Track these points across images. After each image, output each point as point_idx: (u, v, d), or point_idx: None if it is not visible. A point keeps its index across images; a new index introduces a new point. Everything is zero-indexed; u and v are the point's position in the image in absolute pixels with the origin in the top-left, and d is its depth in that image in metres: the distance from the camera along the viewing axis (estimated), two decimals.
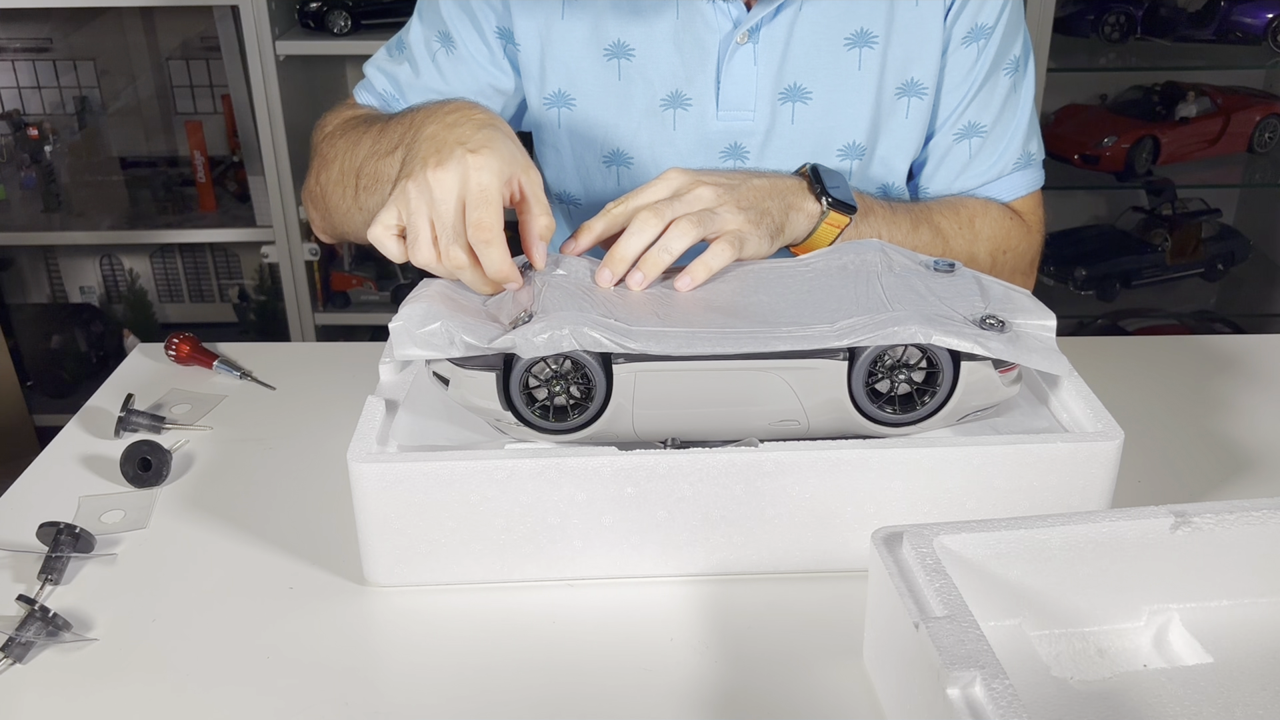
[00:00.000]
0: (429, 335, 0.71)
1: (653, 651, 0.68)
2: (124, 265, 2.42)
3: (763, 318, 0.73)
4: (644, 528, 0.71)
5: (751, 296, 0.77)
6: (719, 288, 0.79)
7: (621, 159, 0.98)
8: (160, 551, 0.78)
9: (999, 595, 0.64)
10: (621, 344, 0.69)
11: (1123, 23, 2.07)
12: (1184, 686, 0.62)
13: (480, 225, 0.73)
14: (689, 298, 0.77)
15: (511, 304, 0.75)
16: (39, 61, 2.26)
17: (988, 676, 0.51)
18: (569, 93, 0.97)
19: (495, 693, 0.65)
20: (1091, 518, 0.63)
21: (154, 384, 1.00)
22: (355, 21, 1.95)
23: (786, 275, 0.80)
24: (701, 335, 0.70)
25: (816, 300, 0.76)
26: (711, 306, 0.76)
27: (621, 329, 0.70)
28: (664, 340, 0.70)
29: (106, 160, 2.30)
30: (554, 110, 0.98)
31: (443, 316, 0.72)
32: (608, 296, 0.76)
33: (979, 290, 0.77)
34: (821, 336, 0.71)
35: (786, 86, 0.94)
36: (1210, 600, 0.67)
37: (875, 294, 0.76)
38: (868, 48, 0.93)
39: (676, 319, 0.73)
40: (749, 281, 0.80)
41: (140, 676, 0.66)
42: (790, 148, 0.96)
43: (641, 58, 0.94)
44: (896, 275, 0.79)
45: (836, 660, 0.67)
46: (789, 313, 0.74)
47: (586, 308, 0.72)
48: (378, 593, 0.73)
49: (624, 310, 0.74)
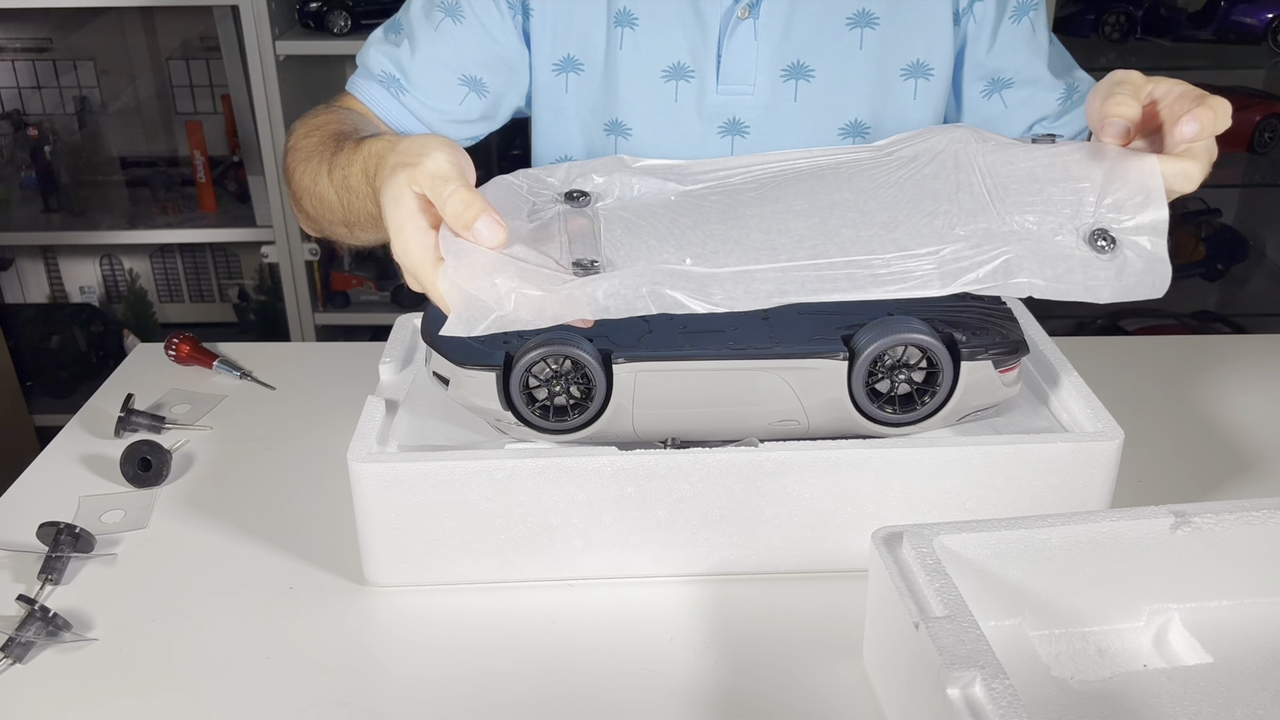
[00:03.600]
0: (487, 289, 0.60)
1: (653, 651, 0.68)
2: (124, 265, 2.42)
3: (854, 235, 0.64)
4: (644, 528, 0.71)
5: (835, 194, 0.67)
6: (795, 185, 0.69)
7: (620, 129, 0.98)
8: (160, 551, 0.78)
9: (999, 595, 0.64)
10: (705, 299, 0.61)
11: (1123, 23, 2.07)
12: (1184, 686, 0.62)
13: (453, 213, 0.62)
14: (766, 209, 0.67)
15: (562, 234, 0.67)
16: (39, 61, 2.26)
17: (988, 676, 0.51)
18: (578, 58, 0.97)
19: (495, 693, 0.65)
20: (1091, 518, 0.63)
21: (154, 384, 1.00)
22: (355, 21, 1.95)
23: (869, 168, 0.70)
24: (794, 275, 0.61)
25: (910, 200, 0.66)
26: (793, 212, 0.66)
27: (702, 277, 0.62)
28: (752, 286, 0.61)
29: (106, 160, 2.30)
30: (562, 76, 0.98)
31: (498, 266, 0.61)
32: (673, 217, 0.68)
33: (1085, 174, 0.65)
34: (925, 280, 0.61)
35: (789, 64, 0.95)
36: (1210, 600, 0.67)
37: (975, 193, 0.66)
38: (869, 28, 0.94)
39: (758, 244, 0.64)
40: (828, 180, 0.69)
41: (140, 677, 0.66)
42: (792, 125, 0.97)
43: (645, 27, 0.95)
44: (996, 158, 0.68)
45: (836, 660, 0.66)
46: (881, 223, 0.64)
47: (653, 245, 0.65)
48: (378, 593, 0.73)
49: (697, 238, 0.65)
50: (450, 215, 0.61)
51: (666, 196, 0.71)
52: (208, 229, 2.14)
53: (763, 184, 0.70)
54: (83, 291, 2.43)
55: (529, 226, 0.68)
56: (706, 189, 0.71)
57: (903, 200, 0.66)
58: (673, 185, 0.72)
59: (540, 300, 0.60)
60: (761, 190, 0.69)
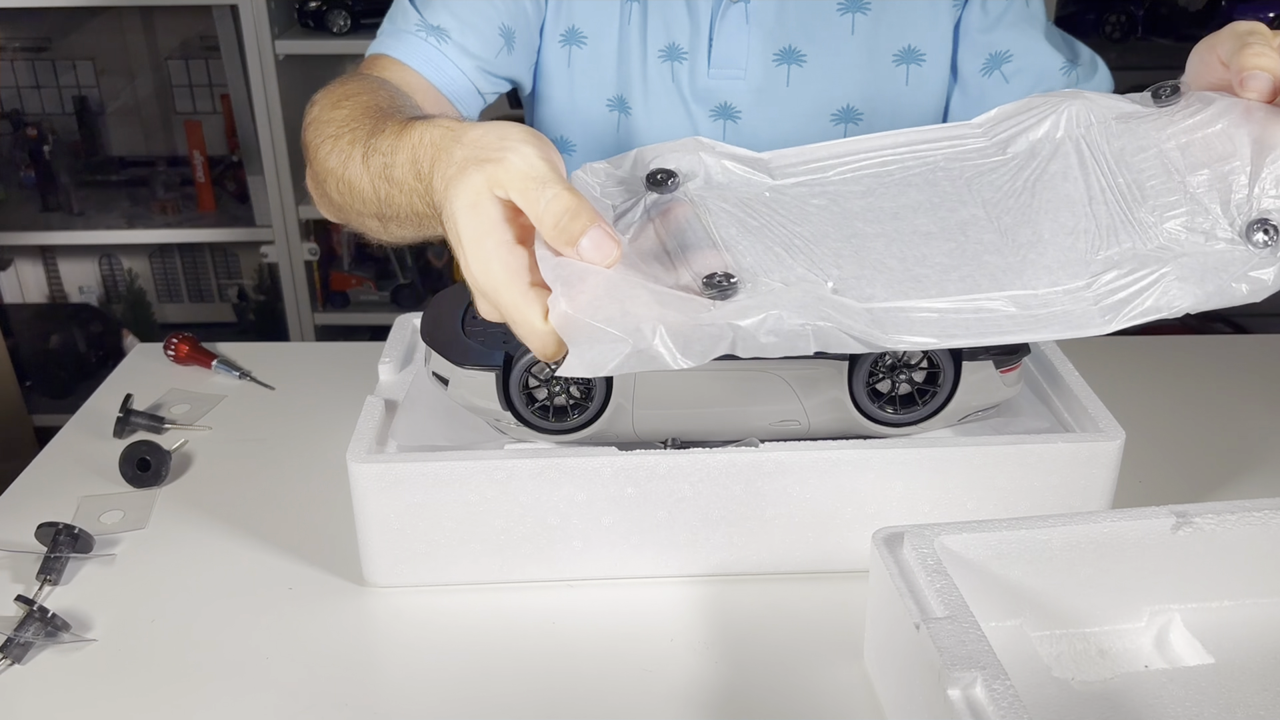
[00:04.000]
0: (617, 319, 0.49)
1: (653, 652, 0.67)
2: (123, 265, 2.42)
3: (1000, 262, 0.57)
4: (644, 528, 0.71)
5: (962, 210, 0.59)
6: (909, 194, 0.61)
7: (622, 105, 0.98)
8: (159, 552, 0.77)
9: (1000, 596, 0.64)
10: (870, 339, 0.53)
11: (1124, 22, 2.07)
12: (1185, 687, 0.62)
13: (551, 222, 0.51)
14: (888, 227, 0.59)
15: (664, 232, 0.57)
16: (38, 61, 2.26)
17: (989, 677, 0.51)
18: (582, 30, 0.96)
19: (495, 693, 0.65)
20: (1093, 518, 0.63)
21: (153, 384, 0.99)
22: (355, 20, 1.95)
23: (987, 169, 0.61)
24: (953, 317, 0.55)
25: (1045, 212, 0.58)
26: (923, 235, 0.58)
27: (860, 311, 0.53)
28: (914, 327, 0.54)
29: (105, 160, 2.30)
30: (566, 48, 0.97)
31: (623, 290, 0.51)
32: (784, 224, 0.58)
33: (1229, 149, 0.57)
34: (1085, 319, 0.55)
35: (782, 48, 0.95)
36: (1212, 601, 0.66)
37: (1111, 201, 0.58)
38: (860, 13, 0.94)
39: (898, 274, 0.56)
40: (946, 188, 0.61)
41: (139, 677, 0.66)
42: (784, 109, 0.96)
43: (649, 5, 0.95)
44: (1123, 144, 0.60)
45: (837, 661, 0.66)
46: (1024, 243, 0.57)
47: (782, 255, 0.56)
48: (377, 593, 0.73)
49: (826, 255, 0.56)
50: (549, 227, 0.50)
51: (759, 190, 0.61)
52: (207, 229, 2.14)
53: (869, 188, 0.61)
54: (82, 291, 2.43)
55: (623, 239, 0.57)
56: (803, 187, 0.61)
57: (1037, 212, 0.58)
58: (761, 178, 0.62)
59: (687, 333, 0.49)
60: (871, 198, 0.60)
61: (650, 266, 0.54)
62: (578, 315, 0.49)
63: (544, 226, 0.50)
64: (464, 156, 0.53)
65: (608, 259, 0.50)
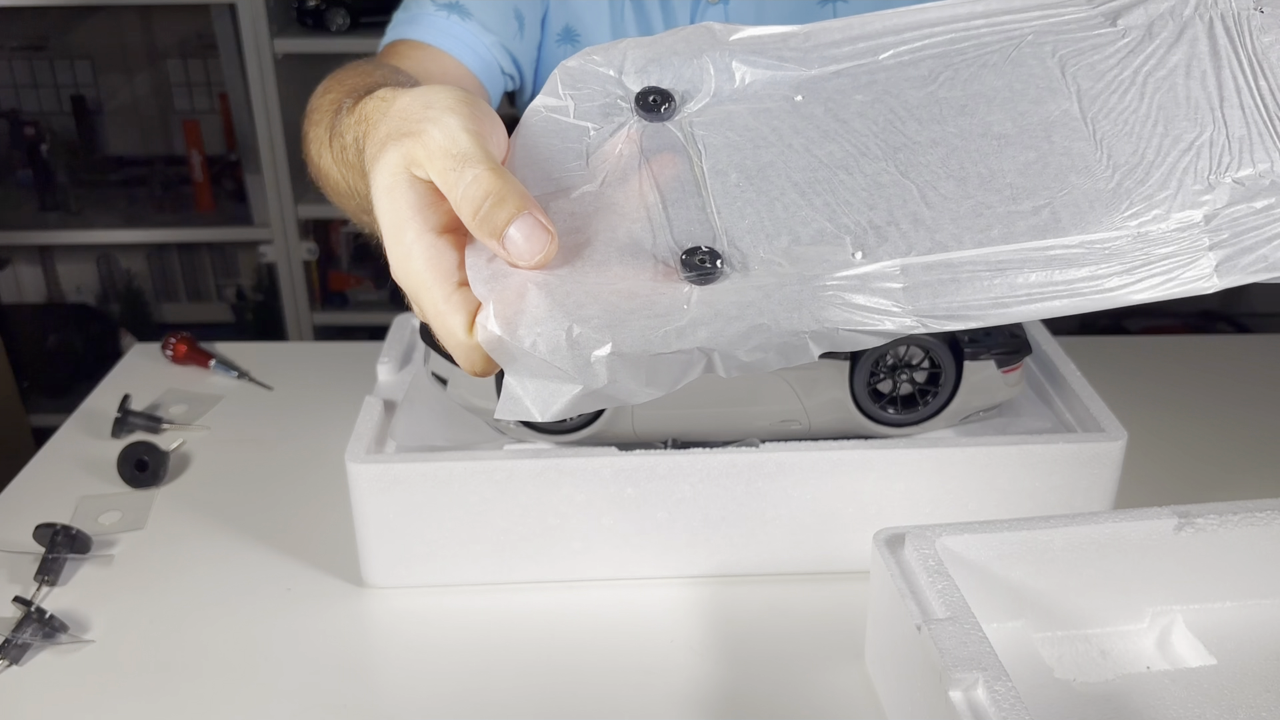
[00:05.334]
0: (556, 345, 0.38)
1: (653, 653, 0.67)
2: (121, 265, 2.42)
3: (1090, 187, 0.43)
4: (644, 529, 0.71)
5: (1050, 104, 0.46)
6: (984, 79, 0.46)
7: None
8: (157, 553, 0.77)
9: (1002, 597, 0.64)
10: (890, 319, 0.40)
11: None
12: (1187, 688, 0.61)
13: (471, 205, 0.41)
14: (950, 128, 0.45)
15: (648, 179, 0.44)
16: (35, 60, 2.26)
17: (990, 679, 0.51)
18: (576, 29, 0.95)
19: (494, 694, 0.64)
20: (1095, 519, 0.63)
21: (151, 384, 0.99)
22: (354, 19, 1.94)
23: (1088, 49, 0.47)
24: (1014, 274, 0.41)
25: (1161, 120, 0.45)
26: (997, 139, 0.45)
27: (879, 282, 0.41)
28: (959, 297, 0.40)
29: (103, 159, 2.29)
30: (562, 46, 0.96)
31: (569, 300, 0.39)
32: (809, 147, 0.45)
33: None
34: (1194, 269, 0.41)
35: None
36: (1214, 602, 0.66)
37: (1249, 104, 0.45)
38: (842, 2, 0.92)
39: (953, 204, 0.43)
40: (1033, 71, 0.46)
41: (137, 678, 0.66)
42: None
43: (643, 6, 0.93)
44: (1270, 38, 0.46)
45: (838, 662, 0.66)
46: (1124, 165, 0.43)
47: (790, 212, 0.43)
48: (376, 594, 0.73)
49: (858, 195, 0.43)
50: (469, 215, 0.40)
51: (789, 97, 0.46)
52: (205, 228, 2.14)
53: (931, 72, 0.47)
54: (79, 291, 2.43)
55: (594, 187, 0.44)
56: (844, 78, 0.47)
57: (1146, 119, 0.44)
58: (790, 71, 0.47)
59: (650, 363, 0.39)
60: (933, 86, 0.46)
61: (621, 225, 0.42)
62: (510, 340, 0.38)
63: (464, 214, 0.41)
64: (387, 131, 0.44)
65: (537, 255, 0.40)
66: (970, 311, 0.40)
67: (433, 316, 0.42)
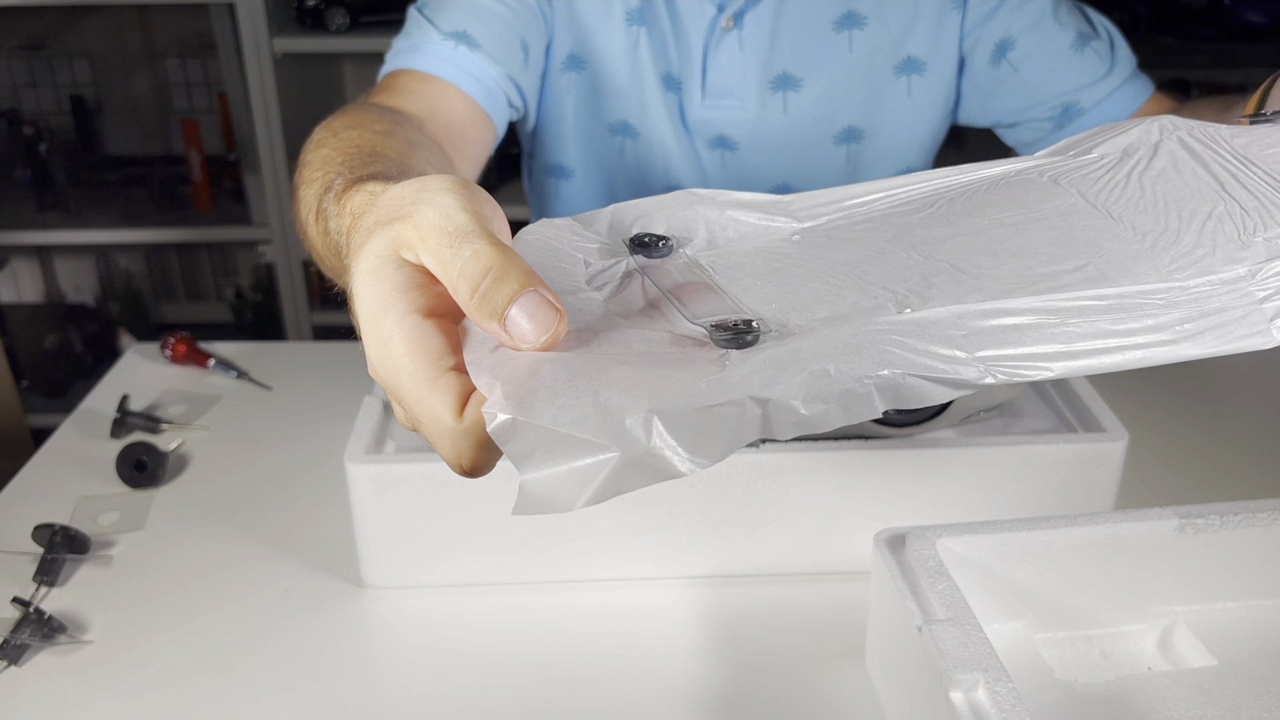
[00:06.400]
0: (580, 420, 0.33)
1: (653, 654, 0.67)
2: (119, 264, 2.41)
3: (1126, 249, 0.41)
4: (644, 530, 0.70)
5: (1054, 201, 0.45)
6: (984, 197, 0.46)
7: (629, 130, 0.96)
8: (156, 553, 0.77)
9: (1003, 597, 0.63)
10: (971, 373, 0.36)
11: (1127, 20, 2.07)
12: (1189, 689, 0.61)
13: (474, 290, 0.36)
14: (962, 225, 0.43)
15: (650, 299, 0.41)
16: (34, 59, 2.25)
17: (991, 680, 0.51)
18: (585, 54, 0.94)
19: (493, 696, 0.64)
20: (1096, 519, 0.63)
21: (149, 384, 0.99)
22: (353, 19, 1.94)
23: (1073, 170, 0.47)
24: (1078, 321, 0.37)
25: (1171, 200, 0.44)
26: (1010, 225, 0.43)
27: (958, 334, 0.37)
28: (1025, 346, 0.37)
29: (102, 159, 2.29)
30: (569, 72, 0.95)
31: (583, 374, 0.35)
32: (820, 254, 0.43)
33: None
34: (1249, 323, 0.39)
35: (776, 75, 0.93)
36: (1215, 602, 0.66)
37: (1253, 183, 0.45)
38: (857, 29, 0.92)
39: (989, 270, 0.40)
40: (1029, 189, 0.46)
41: (136, 679, 0.66)
42: (783, 137, 0.95)
43: (652, 30, 0.93)
44: (1243, 141, 0.47)
45: (839, 663, 0.66)
46: (1151, 231, 0.42)
47: (821, 290, 0.40)
48: (375, 594, 0.72)
49: (887, 273, 0.41)
50: (467, 293, 0.36)
51: (785, 235, 0.45)
52: (204, 228, 2.14)
53: (928, 202, 0.46)
54: (78, 291, 2.43)
55: (597, 296, 0.40)
56: (842, 221, 0.46)
57: (1156, 201, 0.44)
58: (783, 222, 0.46)
59: (696, 421, 0.33)
60: (933, 209, 0.46)
61: (632, 328, 0.38)
62: (526, 420, 0.33)
63: (461, 293, 0.36)
64: (375, 220, 0.40)
65: (545, 333, 0.35)
66: (1038, 363, 0.37)
67: (414, 403, 0.36)
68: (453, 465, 0.37)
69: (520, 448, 0.33)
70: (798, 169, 0.97)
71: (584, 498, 0.32)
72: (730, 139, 0.95)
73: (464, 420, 0.35)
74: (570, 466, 0.32)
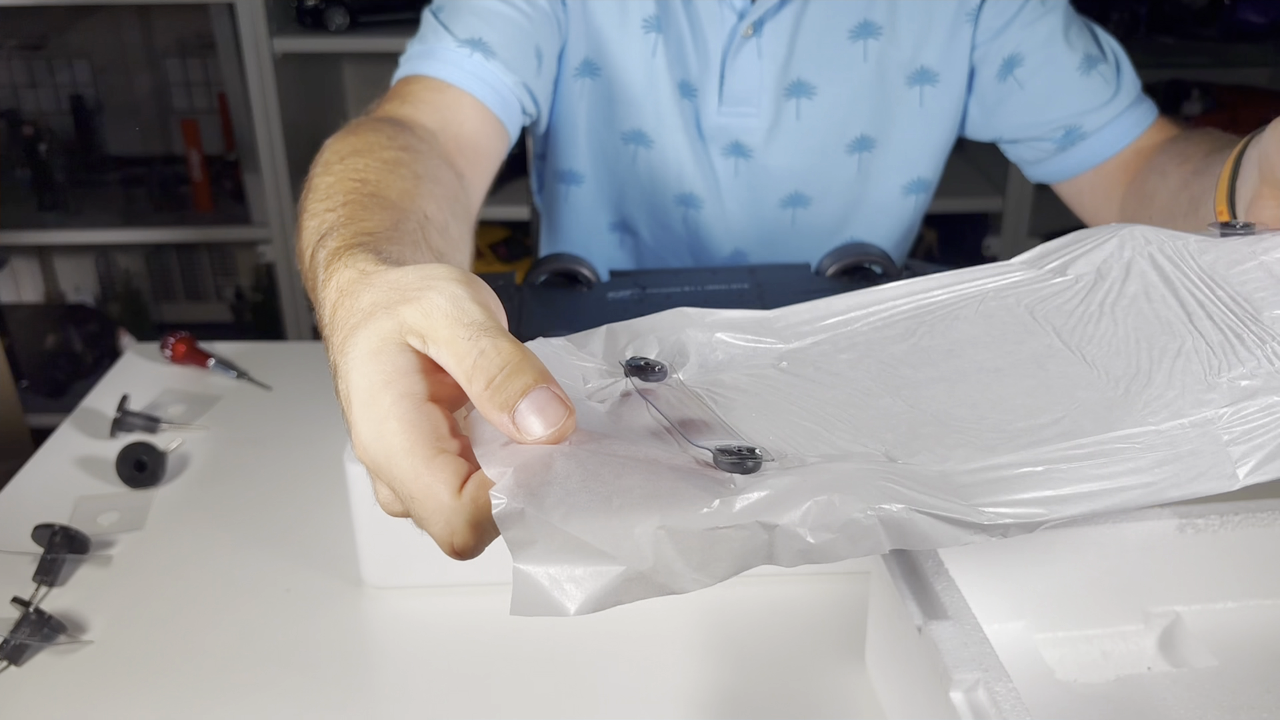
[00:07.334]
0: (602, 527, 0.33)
1: (653, 655, 0.67)
2: (119, 264, 2.41)
3: (1099, 398, 0.43)
4: None
5: (1031, 341, 0.47)
6: (961, 330, 0.48)
7: (643, 139, 0.96)
8: (156, 553, 0.77)
9: (1002, 597, 0.63)
10: (971, 515, 0.37)
11: (1127, 20, 2.07)
12: (1189, 689, 0.61)
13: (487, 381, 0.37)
14: (943, 369, 0.46)
15: (659, 419, 0.42)
16: (34, 59, 2.25)
17: (991, 680, 0.51)
18: (596, 61, 0.94)
19: (493, 695, 0.64)
20: (1096, 519, 0.63)
21: (149, 384, 0.99)
22: (353, 19, 1.94)
23: (1046, 296, 0.50)
24: (1064, 469, 0.40)
25: (1140, 337, 0.46)
26: (990, 372, 0.46)
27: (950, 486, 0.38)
28: (1018, 496, 0.38)
29: (102, 159, 2.29)
30: (581, 79, 0.95)
31: (597, 474, 0.35)
32: (809, 390, 0.45)
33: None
34: (1218, 466, 0.41)
35: (791, 82, 0.93)
36: (1215, 602, 0.66)
37: (1220, 312, 0.47)
38: (872, 38, 0.92)
39: (970, 425, 0.42)
40: (1004, 320, 0.49)
41: (136, 679, 0.66)
42: (795, 144, 0.95)
43: (669, 37, 0.93)
44: (1210, 259, 0.50)
45: (839, 663, 0.66)
46: (1122, 375, 0.45)
47: (813, 429, 0.42)
48: (374, 594, 0.72)
49: (872, 419, 0.43)
50: (481, 387, 0.36)
51: (770, 361, 0.48)
52: (203, 228, 2.14)
53: (908, 330, 0.49)
54: (78, 291, 2.43)
55: (600, 407, 0.42)
56: (825, 344, 0.48)
57: (1127, 339, 0.46)
58: (769, 344, 0.48)
59: (704, 543, 0.34)
60: (913, 339, 0.48)
61: (639, 437, 0.39)
62: (536, 513, 0.33)
63: (475, 384, 0.36)
64: (372, 301, 0.40)
65: (553, 427, 0.35)
66: (1035, 511, 0.38)
67: (409, 480, 0.36)
68: (443, 543, 0.36)
69: (521, 536, 0.33)
70: (809, 177, 0.98)
71: (581, 603, 0.33)
72: (745, 146, 0.96)
73: (462, 498, 0.35)
74: (572, 570, 0.33)
